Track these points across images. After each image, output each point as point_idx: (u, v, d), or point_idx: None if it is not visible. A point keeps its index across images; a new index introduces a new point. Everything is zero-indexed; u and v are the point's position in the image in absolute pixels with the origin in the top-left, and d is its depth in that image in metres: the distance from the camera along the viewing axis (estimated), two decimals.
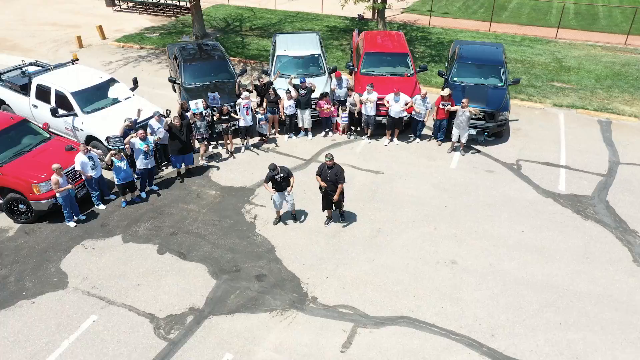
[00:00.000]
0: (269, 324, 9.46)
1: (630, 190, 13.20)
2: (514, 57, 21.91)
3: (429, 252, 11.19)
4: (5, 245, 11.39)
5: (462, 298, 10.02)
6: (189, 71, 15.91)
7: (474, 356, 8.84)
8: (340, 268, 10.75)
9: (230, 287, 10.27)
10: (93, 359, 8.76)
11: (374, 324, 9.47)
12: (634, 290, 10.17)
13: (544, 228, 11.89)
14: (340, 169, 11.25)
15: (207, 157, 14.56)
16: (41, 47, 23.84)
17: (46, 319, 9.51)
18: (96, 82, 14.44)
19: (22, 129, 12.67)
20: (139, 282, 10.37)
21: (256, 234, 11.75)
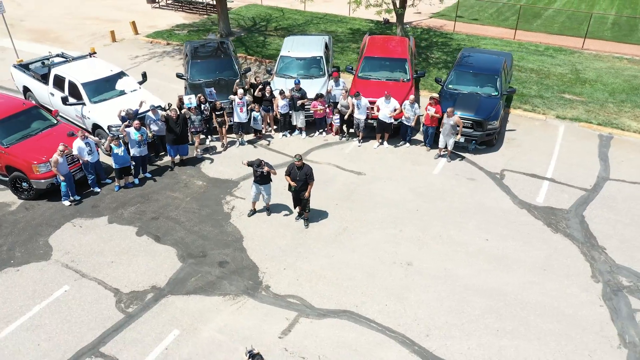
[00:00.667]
0: (219, 307, 10.17)
1: (611, 206, 13.04)
2: (530, 67, 21.68)
3: (388, 252, 11.57)
4: (6, 218, 12.65)
5: (408, 298, 10.37)
6: (195, 68, 16.86)
7: (403, 353, 9.21)
8: (299, 261, 11.32)
9: (193, 271, 11.05)
10: (56, 323, 9.73)
11: (316, 315, 9.99)
12: (582, 305, 10.21)
13: (510, 238, 12.00)
14: (310, 169, 11.80)
15: (202, 150, 15.42)
16: (80, 40, 25.57)
17: (25, 286, 10.59)
18: (106, 75, 15.61)
19: (32, 114, 13.93)
20: (112, 260, 11.32)
21: (229, 224, 12.48)
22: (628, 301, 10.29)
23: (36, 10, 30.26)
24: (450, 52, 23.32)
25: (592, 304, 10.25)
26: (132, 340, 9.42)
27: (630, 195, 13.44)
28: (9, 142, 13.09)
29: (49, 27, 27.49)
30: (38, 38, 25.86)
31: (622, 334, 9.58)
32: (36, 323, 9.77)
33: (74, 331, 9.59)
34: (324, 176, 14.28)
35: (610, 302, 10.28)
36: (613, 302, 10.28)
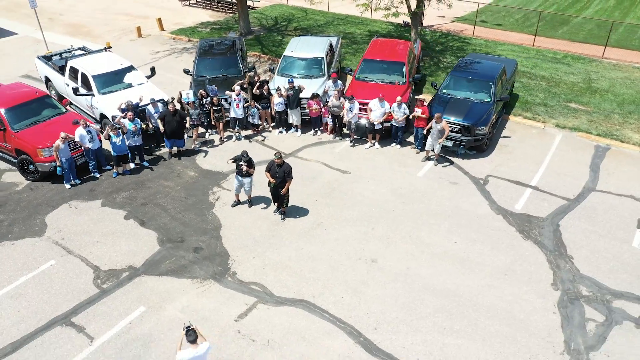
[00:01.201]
0: (186, 289, 10.89)
1: (590, 217, 13.03)
2: (541, 74, 21.50)
3: (355, 248, 12.01)
4: (12, 196, 13.80)
5: (365, 293, 10.80)
6: (201, 64, 17.73)
7: (349, 343, 9.67)
8: (268, 251, 11.92)
9: (169, 254, 11.82)
10: (37, 293, 10.69)
11: (274, 302, 10.57)
12: (536, 311, 10.37)
13: (479, 242, 12.22)
14: (289, 167, 12.37)
15: (200, 142, 16.23)
16: (109, 34, 26.99)
17: (17, 258, 11.63)
18: (116, 68, 16.64)
19: (43, 102, 15.08)
20: (98, 240, 12.24)
21: (211, 213, 13.21)
22: (583, 310, 10.38)
23: (75, 5, 32.00)
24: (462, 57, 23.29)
25: (545, 310, 10.39)
26: (102, 313, 10.25)
27: (612, 207, 13.35)
28: (20, 127, 14.23)
29: (84, 22, 29.08)
30: (72, 32, 27.44)
31: (568, 341, 9.71)
32: (20, 292, 10.74)
33: (52, 301, 10.50)
34: (310, 173, 14.83)
35: (565, 310, 10.40)
36: (567, 310, 10.39)
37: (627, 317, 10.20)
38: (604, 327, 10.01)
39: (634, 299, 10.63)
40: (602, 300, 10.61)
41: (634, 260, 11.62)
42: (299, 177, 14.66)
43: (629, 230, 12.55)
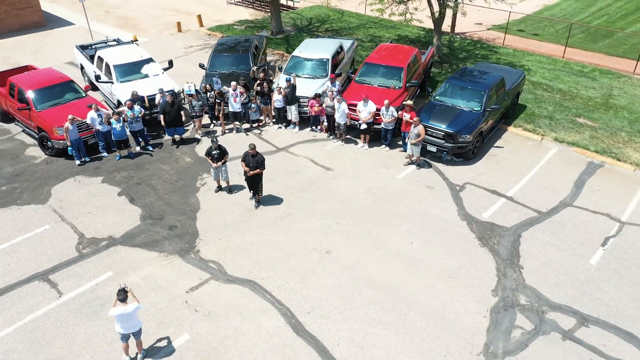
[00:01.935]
0: (152, 260, 12.13)
1: (556, 231, 13.11)
2: (559, 87, 21.22)
3: (314, 239, 12.81)
4: (30, 168, 15.65)
5: (309, 280, 11.59)
6: (214, 60, 19.06)
7: (280, 322, 10.52)
8: (234, 235, 12.96)
9: (146, 229, 13.13)
10: (27, 252, 12.29)
11: (225, 280, 11.59)
12: (467, 313, 10.76)
13: (434, 244, 12.66)
14: (262, 157, 13.36)
15: (203, 132, 17.53)
16: (153, 28, 29.07)
17: (18, 221, 13.33)
18: (136, 59, 18.24)
19: (67, 86, 16.87)
20: (90, 211, 13.75)
21: (194, 196, 14.43)
22: (514, 318, 10.66)
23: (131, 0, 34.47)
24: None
25: (476, 314, 10.76)
26: (75, 273, 11.67)
27: (583, 223, 13.34)
28: (42, 107, 16.07)
29: (134, 16, 31.39)
30: (122, 25, 29.75)
31: (489, 344, 10.08)
32: (14, 249, 12.39)
33: (37, 260, 12.06)
34: (295, 167, 15.74)
35: (496, 315, 10.72)
36: (499, 315, 10.71)
37: (557, 329, 10.38)
38: (529, 336, 10.26)
39: (570, 312, 10.77)
40: (537, 310, 10.82)
41: (584, 277, 11.68)
42: (283, 170, 15.64)
43: (591, 248, 12.54)
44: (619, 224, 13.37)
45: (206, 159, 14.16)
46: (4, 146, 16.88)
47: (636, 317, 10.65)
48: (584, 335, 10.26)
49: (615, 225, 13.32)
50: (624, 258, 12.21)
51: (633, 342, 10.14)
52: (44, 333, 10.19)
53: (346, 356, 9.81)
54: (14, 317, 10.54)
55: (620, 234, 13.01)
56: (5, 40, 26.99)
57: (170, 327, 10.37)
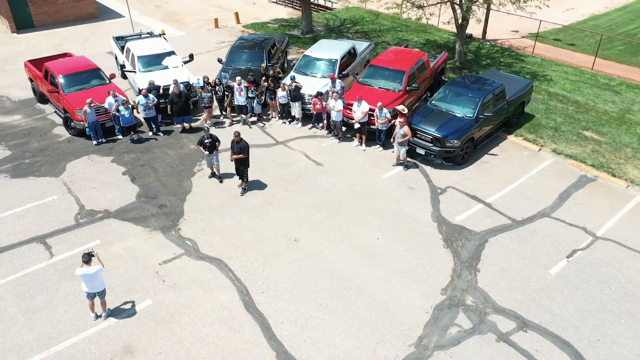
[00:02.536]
0: (136, 233, 13.42)
1: (524, 239, 13.29)
2: (576, 99, 20.92)
3: (287, 227, 13.67)
4: (53, 144, 17.44)
5: (272, 264, 12.48)
6: (231, 55, 20.30)
7: (234, 298, 11.46)
8: (215, 218, 14.04)
9: (138, 206, 14.46)
10: (33, 217, 13.89)
11: (196, 257, 12.68)
12: (411, 308, 11.26)
13: (399, 242, 13.20)
14: (245, 144, 14.38)
15: (212, 122, 18.77)
16: (194, 23, 30.82)
17: (32, 190, 15.02)
18: (158, 52, 19.74)
19: (93, 73, 18.58)
20: (94, 187, 15.26)
21: (189, 180, 15.64)
22: (455, 316, 11.07)
23: None
24: None
25: (420, 309, 11.26)
26: (68, 239, 13.13)
27: (555, 234, 13.42)
28: (69, 91, 17.81)
29: (180, 11, 33.32)
30: (166, 19, 31.72)
31: (423, 337, 10.58)
32: (23, 214, 14.04)
33: (39, 224, 13.63)
34: (288, 160, 16.64)
35: (439, 312, 11.18)
36: (441, 313, 11.16)
37: (494, 331, 10.72)
38: (464, 334, 10.66)
39: (513, 317, 11.05)
40: (480, 311, 11.18)
41: (539, 285, 11.87)
42: (276, 162, 16.59)
43: (555, 258, 12.66)
44: (592, 238, 13.34)
45: (199, 148, 15.26)
46: (37, 124, 18.82)
47: (578, 328, 10.79)
48: (519, 339, 10.53)
49: (588, 239, 13.31)
50: (585, 271, 12.27)
51: (567, 350, 10.32)
52: (30, 287, 11.65)
53: (286, 334, 10.61)
54: (9, 271, 12.08)
55: (590, 247, 13.01)
56: (60, 30, 29.53)
57: (137, 293, 11.55)
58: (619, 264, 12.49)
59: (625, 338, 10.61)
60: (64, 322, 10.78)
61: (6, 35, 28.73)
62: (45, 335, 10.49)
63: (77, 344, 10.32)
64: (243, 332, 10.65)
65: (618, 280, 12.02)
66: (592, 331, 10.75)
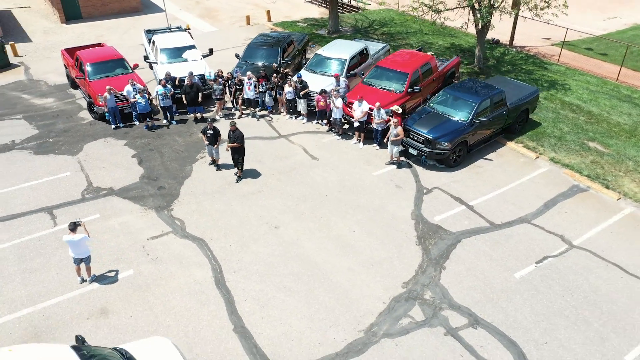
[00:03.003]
0: (133, 210, 14.61)
1: (497, 242, 13.55)
2: (590, 109, 20.67)
3: (270, 215, 14.50)
4: (76, 127, 19.00)
5: (249, 246, 13.33)
6: (247, 51, 21.34)
7: (207, 275, 12.38)
8: (206, 201, 15.05)
9: (140, 186, 15.67)
10: (46, 190, 15.34)
11: (182, 235, 13.72)
12: (370, 297, 11.82)
13: (374, 236, 13.76)
14: (240, 134, 15.33)
15: (223, 114, 19.86)
16: (228, 20, 32.16)
17: (50, 166, 16.53)
18: (180, 45, 21.02)
19: (118, 63, 20.04)
20: (104, 166, 16.62)
21: (190, 166, 16.75)
22: (410, 309, 11.56)
23: None
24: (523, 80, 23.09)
25: (378, 299, 11.82)
26: (72, 211, 14.46)
27: (529, 240, 13.60)
28: (94, 78, 19.33)
29: (218, 7, 34.77)
30: (203, 15, 33.23)
31: (374, 324, 11.14)
32: (37, 186, 15.53)
33: (50, 196, 15.06)
34: (286, 153, 17.47)
35: (395, 304, 11.70)
36: (397, 304, 11.68)
37: (444, 325, 11.15)
38: (415, 325, 11.15)
39: (466, 314, 11.43)
40: (436, 306, 11.61)
41: (500, 286, 12.17)
42: (275, 154, 17.45)
43: (524, 263, 12.88)
44: (568, 246, 13.44)
45: (202, 136, 16.31)
46: (66, 107, 20.49)
47: (529, 330, 11.05)
48: (467, 335, 10.92)
49: (563, 247, 13.42)
50: (551, 277, 12.44)
51: (512, 349, 10.63)
52: (31, 251, 13.01)
53: (246, 310, 11.44)
54: (16, 235, 13.50)
55: (562, 255, 13.13)
56: (104, 22, 31.55)
57: (122, 263, 12.69)
58: (587, 273, 12.56)
59: (575, 344, 10.77)
60: (54, 283, 12.02)
61: (56, 25, 30.97)
62: (35, 293, 11.76)
63: (61, 303, 11.52)
64: (209, 305, 11.54)
65: (582, 289, 12.12)
66: (542, 334, 10.97)
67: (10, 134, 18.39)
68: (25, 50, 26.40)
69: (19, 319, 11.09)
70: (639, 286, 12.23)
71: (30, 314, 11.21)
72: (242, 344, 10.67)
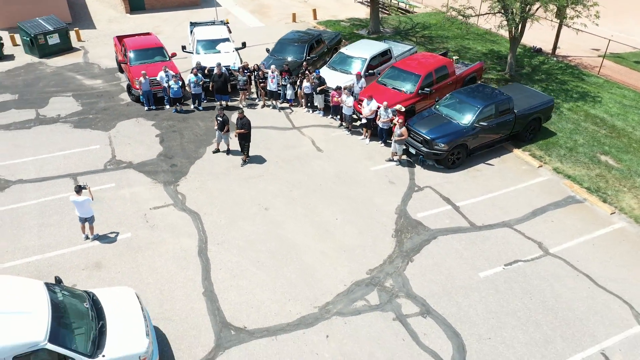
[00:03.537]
0: (144, 183, 16.26)
1: (472, 242, 13.96)
2: (614, 124, 20.22)
3: (264, 198, 15.67)
4: (115, 106, 21.06)
5: (237, 223, 14.56)
6: (276, 46, 22.65)
7: (193, 244, 13.73)
8: (210, 181, 16.45)
9: (156, 162, 17.33)
10: (75, 159, 17.33)
11: (180, 208, 15.16)
12: (333, 279, 12.66)
13: (353, 225, 14.57)
14: (247, 121, 16.61)
15: (246, 103, 21.26)
16: (276, 16, 33.66)
17: (84, 139, 18.58)
18: (215, 38, 22.65)
19: (157, 51, 21.92)
20: (130, 143, 18.46)
21: (205, 149, 18.23)
22: (368, 293, 12.32)
23: None
24: (552, 89, 22.86)
25: (340, 281, 12.65)
26: (92, 179, 16.30)
27: (505, 243, 13.89)
28: (134, 63, 21.32)
29: (270, 4, 36.38)
30: (254, 10, 34.95)
31: (330, 303, 12.01)
32: (69, 155, 17.57)
33: (77, 165, 17.02)
34: (295, 143, 18.58)
35: (356, 287, 12.50)
36: (357, 287, 12.46)
37: (395, 311, 11.83)
38: (368, 308, 11.92)
39: (420, 304, 12.04)
40: (393, 294, 12.30)
41: (461, 283, 12.64)
42: (284, 144, 18.60)
43: (493, 264, 13.24)
44: (543, 253, 13.63)
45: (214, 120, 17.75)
46: (110, 89, 22.69)
47: (476, 324, 11.51)
48: (414, 322, 11.55)
49: (538, 253, 13.62)
50: (515, 280, 12.74)
51: (453, 340, 11.16)
52: (50, 209, 14.92)
53: (219, 278, 12.67)
54: (42, 195, 15.49)
55: (534, 261, 13.36)
56: (164, 13, 33.99)
57: (123, 227, 14.30)
58: (554, 280, 12.75)
59: (518, 343, 11.13)
60: (63, 237, 13.81)
61: (121, 14, 33.76)
62: (46, 244, 13.58)
63: (65, 254, 13.26)
64: (187, 270, 12.87)
65: (544, 294, 12.35)
66: (488, 330, 11.40)
67: (58, 109, 20.70)
68: (88, 36, 29.14)
69: (27, 264, 12.91)
70: (603, 298, 12.28)
71: (37, 261, 13.01)
72: (207, 306, 11.88)
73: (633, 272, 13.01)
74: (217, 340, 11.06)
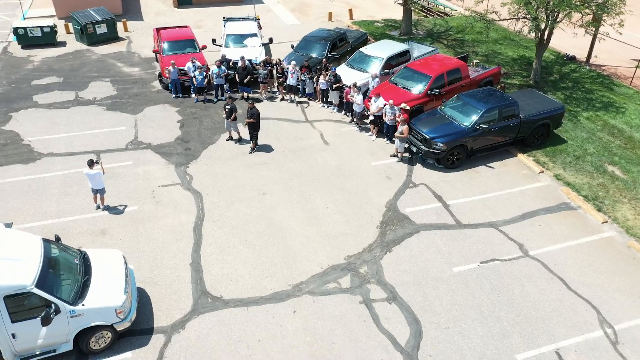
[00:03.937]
0: (158, 163, 17.64)
1: (453, 238, 14.39)
2: (632, 135, 19.88)
3: (264, 183, 16.68)
4: (146, 92, 22.71)
5: (234, 205, 15.63)
6: (300, 43, 23.67)
7: (190, 220, 14.90)
8: (217, 165, 17.64)
9: (172, 145, 18.72)
10: (102, 139, 18.98)
11: (185, 187, 16.39)
12: (312, 262, 13.44)
13: (342, 214, 15.32)
14: (256, 111, 17.69)
15: (266, 96, 22.38)
16: (314, 15, 34.65)
17: (114, 120, 20.26)
18: (243, 33, 23.92)
19: (189, 43, 23.42)
20: (152, 126, 19.97)
21: (219, 135, 19.46)
22: (341, 276, 13.07)
23: None
24: (580, 98, 22.64)
25: (318, 264, 13.45)
26: (113, 157, 17.86)
27: (486, 242, 14.22)
28: (167, 53, 22.90)
29: (310, 3, 37.41)
30: (293, 8, 36.08)
31: (303, 282, 12.83)
32: (97, 135, 19.24)
33: (103, 143, 18.65)
34: (304, 136, 19.50)
35: (331, 270, 13.26)
36: (335, 271, 13.20)
37: (363, 295, 12.52)
38: (338, 290, 12.66)
39: (388, 291, 12.66)
40: (365, 279, 12.99)
41: (433, 275, 13.15)
42: (293, 135, 19.56)
43: (469, 260, 13.64)
44: (521, 254, 13.89)
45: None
46: (145, 76, 24.40)
47: (438, 314, 12.03)
48: (379, 307, 12.20)
49: (517, 254, 13.90)
50: (487, 277, 13.13)
51: (412, 326, 11.73)
52: (72, 180, 16.53)
53: (207, 252, 13.78)
54: (67, 167, 17.16)
55: (511, 261, 13.66)
56: (209, 9, 35.72)
57: (132, 200, 15.70)
58: (527, 281, 13.03)
59: (475, 334, 11.57)
60: (77, 205, 15.35)
61: (169, 8, 35.76)
62: (62, 210, 15.15)
63: (77, 220, 14.77)
64: (180, 242, 14.06)
65: (512, 293, 12.68)
66: (448, 320, 11.90)
67: (95, 92, 22.55)
68: (134, 27, 31.19)
69: (43, 226, 14.49)
70: (571, 301, 12.47)
71: (52, 224, 14.58)
72: (192, 275, 13.00)
73: (609, 279, 13.07)
74: (194, 305, 12.13)
